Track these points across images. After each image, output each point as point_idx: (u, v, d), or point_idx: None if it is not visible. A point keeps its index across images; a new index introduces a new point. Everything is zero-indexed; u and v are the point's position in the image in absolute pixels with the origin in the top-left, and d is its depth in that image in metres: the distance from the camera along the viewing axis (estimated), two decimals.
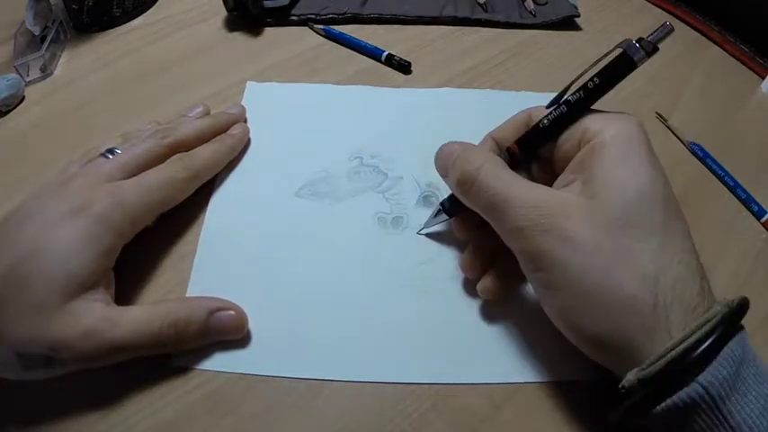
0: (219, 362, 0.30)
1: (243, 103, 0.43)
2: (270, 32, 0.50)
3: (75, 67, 0.47)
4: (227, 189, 0.38)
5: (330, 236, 0.36)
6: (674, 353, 0.23)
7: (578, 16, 0.52)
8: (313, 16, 0.51)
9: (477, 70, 0.47)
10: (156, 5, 0.53)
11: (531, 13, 0.52)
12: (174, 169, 0.34)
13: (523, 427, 0.29)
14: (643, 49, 0.27)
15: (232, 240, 0.35)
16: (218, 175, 0.38)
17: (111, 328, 0.27)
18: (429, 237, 0.36)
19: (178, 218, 0.36)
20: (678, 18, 0.54)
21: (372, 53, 0.48)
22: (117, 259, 0.30)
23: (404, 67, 0.47)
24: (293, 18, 0.51)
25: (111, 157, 0.33)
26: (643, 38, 0.27)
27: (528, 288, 0.33)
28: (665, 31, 0.27)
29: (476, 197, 0.29)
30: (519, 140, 0.31)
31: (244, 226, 0.36)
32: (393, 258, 0.35)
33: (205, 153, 0.36)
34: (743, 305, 0.24)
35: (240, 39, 0.50)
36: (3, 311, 0.26)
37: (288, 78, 0.46)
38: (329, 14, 0.51)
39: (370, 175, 0.39)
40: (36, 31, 0.46)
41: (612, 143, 0.27)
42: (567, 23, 0.52)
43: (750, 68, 0.49)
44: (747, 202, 0.39)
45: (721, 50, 0.51)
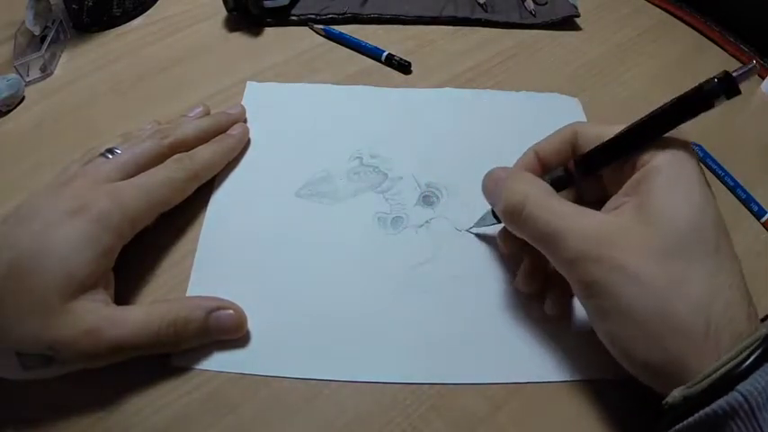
0: (219, 362, 0.30)
1: (243, 103, 0.43)
2: (270, 32, 0.50)
3: (75, 67, 0.47)
4: (226, 189, 0.38)
5: (330, 236, 0.36)
6: (720, 372, 0.23)
7: (578, 16, 0.52)
8: (313, 16, 0.51)
9: (477, 70, 0.47)
10: (156, 5, 0.53)
11: (531, 13, 0.52)
12: (174, 169, 0.34)
13: (523, 427, 0.29)
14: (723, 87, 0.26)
15: (232, 240, 0.35)
16: (218, 175, 0.38)
17: (110, 327, 0.27)
18: (429, 237, 0.36)
19: (178, 217, 0.36)
20: (678, 18, 0.54)
21: (372, 53, 0.48)
22: (117, 259, 0.30)
23: (404, 67, 0.47)
24: (293, 18, 0.51)
25: (110, 157, 0.33)
26: (728, 72, 0.26)
27: None
28: (747, 70, 0.26)
29: (524, 228, 0.29)
30: (578, 160, 0.30)
31: (244, 226, 0.36)
32: (393, 258, 0.35)
33: (205, 153, 0.36)
34: None
35: (240, 39, 0.50)
36: (2, 311, 0.26)
37: (288, 78, 0.46)
38: (329, 14, 0.51)
39: (369, 175, 0.39)
40: (36, 31, 0.46)
41: (668, 168, 0.26)
42: (567, 23, 0.52)
43: None
44: (747, 202, 0.39)
45: (721, 50, 0.51)
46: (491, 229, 0.36)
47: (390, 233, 0.36)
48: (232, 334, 0.31)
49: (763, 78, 0.48)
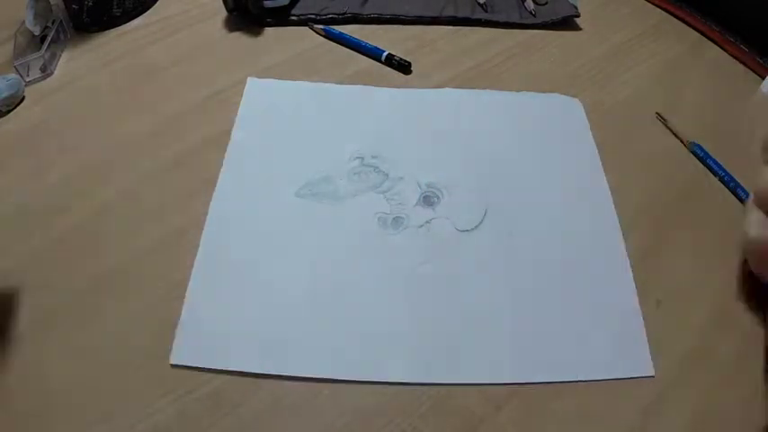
0: (220, 361, 0.30)
1: (243, 99, 0.43)
2: (270, 32, 0.50)
3: (75, 67, 0.47)
4: (226, 189, 0.38)
5: (330, 236, 0.36)
6: None
7: (578, 16, 0.52)
8: (313, 16, 0.51)
9: (477, 70, 0.47)
10: (156, 5, 0.53)
11: (531, 13, 0.52)
12: None
13: (523, 427, 0.29)
14: None
15: (232, 239, 0.35)
16: (218, 175, 0.38)
17: None
18: (429, 237, 0.36)
19: (179, 216, 0.36)
20: (678, 18, 0.54)
21: (372, 53, 0.48)
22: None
23: (404, 67, 0.47)
24: (293, 18, 0.51)
25: None
26: None
27: (528, 288, 0.34)
28: None
29: None
30: None
31: (244, 225, 0.36)
32: (393, 259, 0.35)
33: None
34: None
35: (240, 39, 0.50)
36: None
37: (288, 78, 0.46)
38: (329, 14, 0.51)
39: (370, 175, 0.39)
40: (36, 31, 0.46)
41: None
42: (567, 23, 0.52)
43: (750, 68, 0.49)
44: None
45: (721, 50, 0.51)
46: (488, 228, 0.35)
47: (391, 233, 0.36)
48: None
49: (763, 78, 0.48)
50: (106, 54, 0.48)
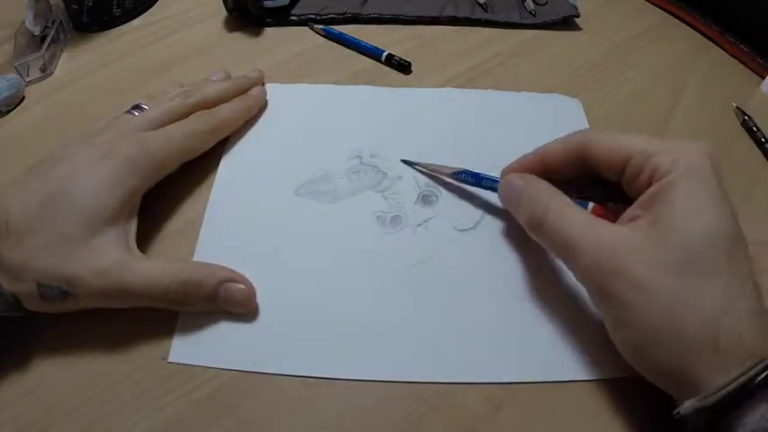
0: (219, 361, 0.30)
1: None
2: (270, 32, 0.50)
3: (75, 67, 0.47)
4: (226, 188, 0.38)
5: (329, 235, 0.36)
6: (729, 389, 0.23)
7: (578, 16, 0.52)
8: (313, 16, 0.51)
9: (477, 70, 0.47)
10: (156, 5, 0.53)
11: (531, 13, 0.52)
12: (197, 122, 0.37)
13: (523, 427, 0.29)
14: None
15: (231, 238, 0.35)
16: (217, 174, 0.38)
17: (124, 271, 0.29)
18: (427, 236, 0.36)
19: (179, 215, 0.36)
20: (678, 18, 0.54)
21: (372, 53, 0.48)
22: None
23: (404, 67, 0.47)
24: (293, 18, 0.51)
25: (137, 114, 0.36)
26: None
27: (528, 288, 0.34)
28: None
29: (545, 239, 0.30)
30: None
31: (243, 224, 0.36)
32: (391, 257, 0.35)
33: (226, 110, 0.39)
34: None
35: (240, 39, 0.50)
36: (31, 241, 0.28)
37: (288, 78, 0.46)
38: (329, 14, 0.51)
39: (369, 174, 0.39)
40: (36, 31, 0.46)
41: (681, 183, 0.26)
42: (567, 23, 0.52)
43: (750, 68, 0.49)
44: None
45: (721, 50, 0.51)
46: (487, 228, 0.36)
47: (389, 232, 0.36)
48: (237, 308, 0.31)
49: (763, 78, 0.48)
50: (106, 54, 0.48)
